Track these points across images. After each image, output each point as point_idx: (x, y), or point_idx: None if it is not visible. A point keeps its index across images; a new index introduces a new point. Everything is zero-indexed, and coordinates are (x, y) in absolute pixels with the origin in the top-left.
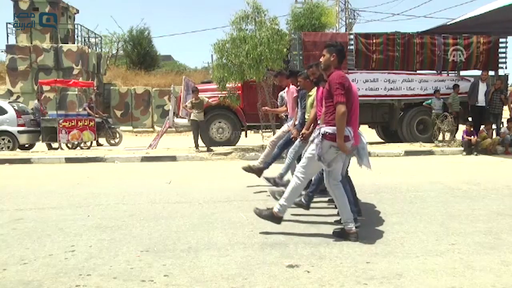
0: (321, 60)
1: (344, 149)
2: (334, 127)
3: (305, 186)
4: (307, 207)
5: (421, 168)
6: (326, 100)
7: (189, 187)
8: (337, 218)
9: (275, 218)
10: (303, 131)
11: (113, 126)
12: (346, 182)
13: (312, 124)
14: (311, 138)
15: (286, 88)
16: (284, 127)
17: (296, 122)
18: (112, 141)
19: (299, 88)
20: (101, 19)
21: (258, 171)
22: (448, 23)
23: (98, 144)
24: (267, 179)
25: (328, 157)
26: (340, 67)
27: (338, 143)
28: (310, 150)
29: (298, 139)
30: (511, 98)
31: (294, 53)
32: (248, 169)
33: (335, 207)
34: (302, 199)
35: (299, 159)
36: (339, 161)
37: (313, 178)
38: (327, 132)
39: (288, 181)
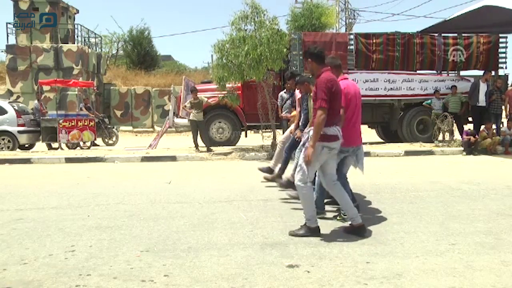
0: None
1: (308, 156)
2: (323, 128)
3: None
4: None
5: (421, 168)
6: (314, 103)
7: (189, 187)
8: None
9: (312, 230)
10: (305, 130)
11: (109, 126)
12: (346, 183)
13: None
14: (301, 143)
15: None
16: (292, 127)
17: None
18: (109, 141)
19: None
20: (101, 19)
21: (273, 179)
22: (447, 19)
23: (94, 144)
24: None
25: (322, 158)
26: (324, 66)
27: (309, 146)
28: (303, 155)
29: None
30: (508, 97)
31: (294, 53)
32: (267, 178)
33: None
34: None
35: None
36: (333, 160)
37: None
38: None
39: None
